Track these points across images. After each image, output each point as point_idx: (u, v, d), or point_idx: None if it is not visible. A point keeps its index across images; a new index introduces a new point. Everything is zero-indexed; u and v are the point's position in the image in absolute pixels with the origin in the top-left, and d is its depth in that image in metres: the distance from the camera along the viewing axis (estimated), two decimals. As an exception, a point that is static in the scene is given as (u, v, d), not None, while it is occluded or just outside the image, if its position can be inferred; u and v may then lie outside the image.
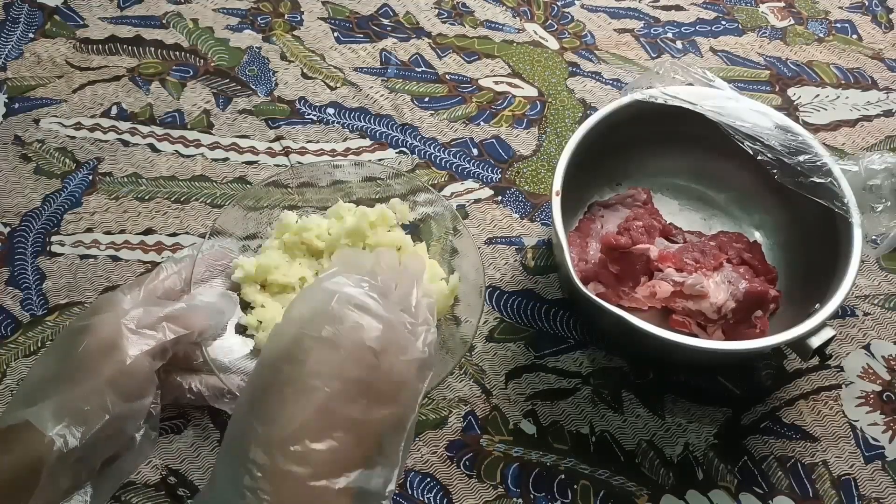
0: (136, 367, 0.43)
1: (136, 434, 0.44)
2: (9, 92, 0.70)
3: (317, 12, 0.77)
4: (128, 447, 0.44)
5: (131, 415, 0.43)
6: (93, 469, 0.42)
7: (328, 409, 0.35)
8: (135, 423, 0.44)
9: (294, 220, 0.58)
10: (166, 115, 0.69)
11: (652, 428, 0.56)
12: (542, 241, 0.64)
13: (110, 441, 0.42)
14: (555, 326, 0.60)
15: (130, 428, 0.44)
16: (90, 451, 0.41)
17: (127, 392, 0.43)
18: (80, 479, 0.42)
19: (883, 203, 0.52)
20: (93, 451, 0.41)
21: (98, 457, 0.42)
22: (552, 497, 0.53)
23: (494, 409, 0.56)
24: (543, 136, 0.69)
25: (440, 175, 0.67)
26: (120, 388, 0.42)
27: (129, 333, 0.44)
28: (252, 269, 0.56)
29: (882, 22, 0.79)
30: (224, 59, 0.73)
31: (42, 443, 0.39)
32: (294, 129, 0.69)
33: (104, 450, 0.43)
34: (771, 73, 0.74)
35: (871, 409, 0.57)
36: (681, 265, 0.56)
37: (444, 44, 0.75)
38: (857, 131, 0.71)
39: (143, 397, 0.44)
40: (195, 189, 0.65)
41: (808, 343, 0.49)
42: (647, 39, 0.76)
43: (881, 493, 0.54)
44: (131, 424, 0.44)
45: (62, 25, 0.74)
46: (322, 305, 0.38)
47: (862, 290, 0.62)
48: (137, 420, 0.44)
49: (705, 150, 0.61)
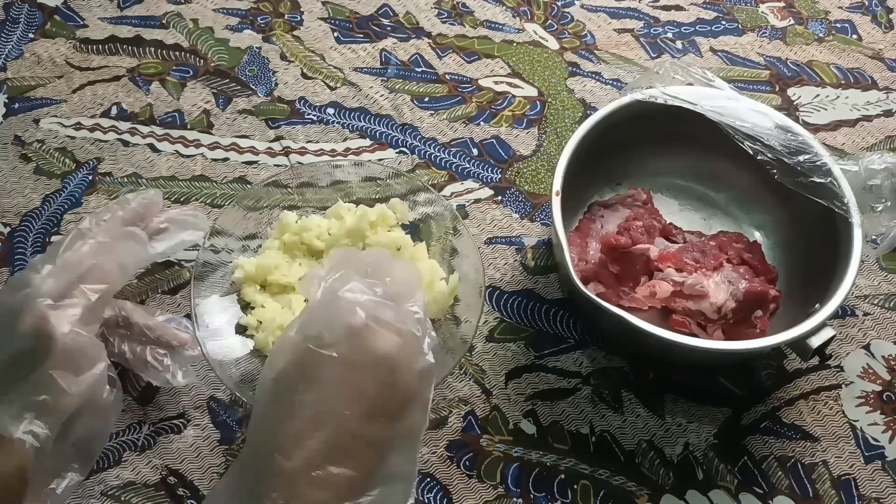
0: (71, 342, 0.42)
1: (102, 397, 0.44)
2: (9, 92, 0.70)
3: (317, 12, 0.77)
4: (97, 413, 0.44)
5: (93, 383, 0.43)
6: (74, 445, 0.43)
7: (349, 432, 0.34)
8: (100, 389, 0.44)
9: (294, 220, 0.58)
10: (166, 115, 0.69)
11: (652, 428, 0.56)
12: (542, 241, 0.64)
13: (82, 414, 0.43)
14: (555, 326, 0.60)
15: (97, 394, 0.44)
16: (66, 430, 0.41)
17: (76, 366, 0.42)
18: (64, 457, 0.42)
19: (883, 203, 0.52)
20: (69, 429, 0.41)
21: (75, 432, 0.43)
22: (552, 497, 0.53)
23: (494, 409, 0.56)
24: (543, 136, 0.69)
25: (440, 175, 0.67)
26: (68, 366, 0.42)
27: (49, 311, 0.43)
28: (252, 269, 0.56)
29: (882, 22, 0.79)
30: (224, 59, 0.73)
31: (14, 446, 0.39)
32: (294, 129, 0.69)
33: (80, 424, 0.43)
34: (771, 73, 0.74)
35: (871, 409, 0.57)
36: (681, 265, 0.56)
37: (444, 44, 0.75)
38: (857, 131, 0.71)
39: (95, 364, 0.43)
40: (195, 189, 0.65)
41: (808, 343, 0.49)
42: (647, 39, 0.76)
43: (881, 493, 0.54)
44: (98, 390, 0.43)
45: (62, 25, 0.74)
46: (340, 318, 0.36)
47: (862, 290, 0.62)
48: (101, 386, 0.44)
49: (705, 150, 0.61)
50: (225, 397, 0.56)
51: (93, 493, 0.52)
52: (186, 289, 0.59)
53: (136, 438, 0.54)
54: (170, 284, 0.60)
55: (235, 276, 0.56)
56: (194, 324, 0.52)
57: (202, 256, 0.55)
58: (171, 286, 0.60)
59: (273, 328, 0.54)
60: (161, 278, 0.60)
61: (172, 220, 0.54)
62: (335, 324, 0.36)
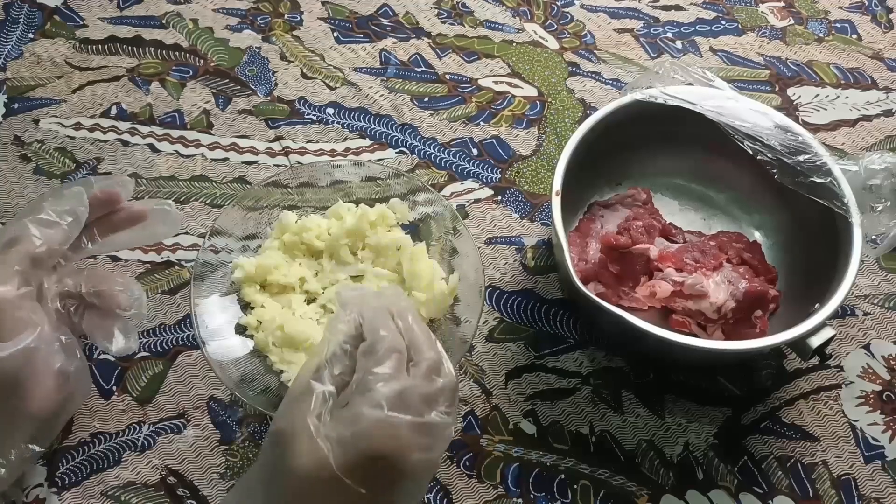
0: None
1: (70, 367, 0.43)
2: (8, 92, 0.70)
3: (316, 12, 0.77)
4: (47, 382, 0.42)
5: (24, 348, 0.41)
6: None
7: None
8: (41, 356, 0.42)
9: (294, 220, 0.58)
10: (166, 115, 0.69)
11: (652, 428, 0.56)
12: (542, 241, 0.64)
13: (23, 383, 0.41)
14: (555, 326, 0.60)
15: (42, 362, 0.42)
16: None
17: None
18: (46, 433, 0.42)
19: (883, 203, 0.52)
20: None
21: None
22: (552, 497, 0.53)
23: (494, 409, 0.56)
24: (543, 136, 0.69)
25: (440, 175, 0.67)
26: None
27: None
28: (252, 269, 0.56)
29: (882, 22, 0.79)
30: (224, 59, 0.73)
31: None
32: (294, 129, 0.69)
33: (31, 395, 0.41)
34: (771, 73, 0.74)
35: (871, 409, 0.57)
36: (681, 265, 0.56)
37: (443, 44, 0.75)
38: (856, 131, 0.71)
39: (23, 329, 0.41)
40: (195, 189, 0.65)
41: (808, 343, 0.49)
42: (646, 39, 0.76)
43: (881, 493, 0.54)
44: (37, 358, 0.41)
45: (62, 25, 0.74)
46: (361, 441, 0.34)
47: (862, 290, 0.62)
48: (41, 354, 0.41)
49: (705, 150, 0.61)
50: (225, 397, 0.56)
51: (93, 494, 0.52)
52: (186, 289, 0.59)
53: (136, 438, 0.54)
54: (170, 284, 0.60)
55: (235, 276, 0.56)
56: (195, 324, 0.52)
57: (202, 256, 0.55)
58: (171, 286, 0.60)
59: (273, 328, 0.54)
60: (161, 278, 0.61)
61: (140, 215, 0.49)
62: (354, 443, 0.34)
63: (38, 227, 0.44)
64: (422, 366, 0.37)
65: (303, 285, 0.57)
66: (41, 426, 0.43)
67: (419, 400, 0.35)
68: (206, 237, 0.55)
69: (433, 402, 0.36)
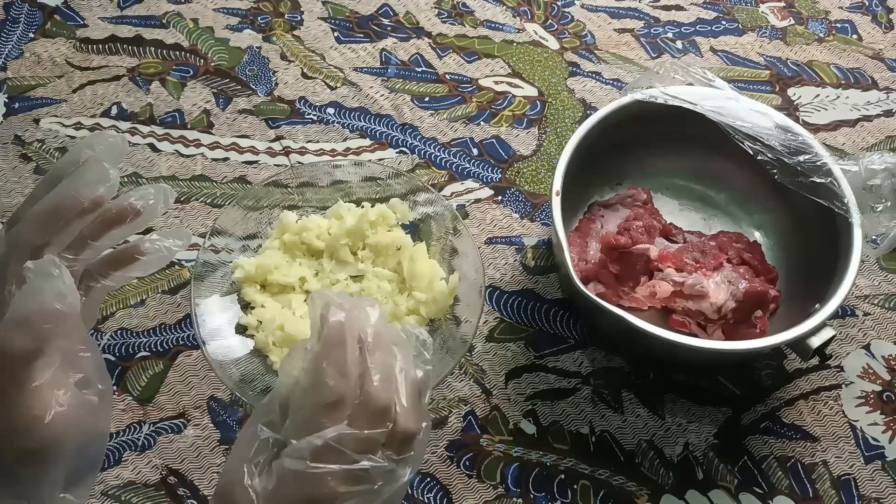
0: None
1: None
2: (9, 92, 0.70)
3: (317, 12, 0.77)
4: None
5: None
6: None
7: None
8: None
9: (294, 220, 0.58)
10: (166, 114, 0.69)
11: (652, 428, 0.56)
12: (542, 241, 0.64)
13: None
14: (555, 326, 0.60)
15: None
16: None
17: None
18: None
19: (883, 203, 0.52)
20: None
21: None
22: (552, 497, 0.53)
23: (494, 409, 0.56)
24: (543, 136, 0.69)
25: (440, 175, 0.67)
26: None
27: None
28: (252, 269, 0.56)
29: (882, 22, 0.79)
30: (224, 58, 0.73)
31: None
32: (294, 128, 0.69)
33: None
34: (771, 73, 0.74)
35: (871, 409, 0.57)
36: (681, 265, 0.56)
37: (444, 44, 0.75)
38: (857, 131, 0.71)
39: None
40: (195, 189, 0.65)
41: (808, 343, 0.49)
42: (647, 39, 0.76)
43: (881, 493, 0.54)
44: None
45: (62, 25, 0.74)
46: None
47: (862, 290, 0.62)
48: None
49: (705, 150, 0.61)
50: (225, 397, 0.56)
51: (93, 493, 0.52)
52: (186, 289, 0.59)
53: (136, 438, 0.54)
54: (170, 284, 0.60)
55: (235, 276, 0.56)
56: (195, 323, 0.52)
57: (202, 256, 0.55)
58: (171, 286, 0.60)
59: (273, 328, 0.54)
60: (161, 278, 0.61)
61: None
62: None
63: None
64: (368, 408, 0.34)
65: (303, 285, 0.57)
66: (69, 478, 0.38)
67: (354, 446, 0.34)
68: (206, 237, 0.56)
69: (374, 447, 0.34)
